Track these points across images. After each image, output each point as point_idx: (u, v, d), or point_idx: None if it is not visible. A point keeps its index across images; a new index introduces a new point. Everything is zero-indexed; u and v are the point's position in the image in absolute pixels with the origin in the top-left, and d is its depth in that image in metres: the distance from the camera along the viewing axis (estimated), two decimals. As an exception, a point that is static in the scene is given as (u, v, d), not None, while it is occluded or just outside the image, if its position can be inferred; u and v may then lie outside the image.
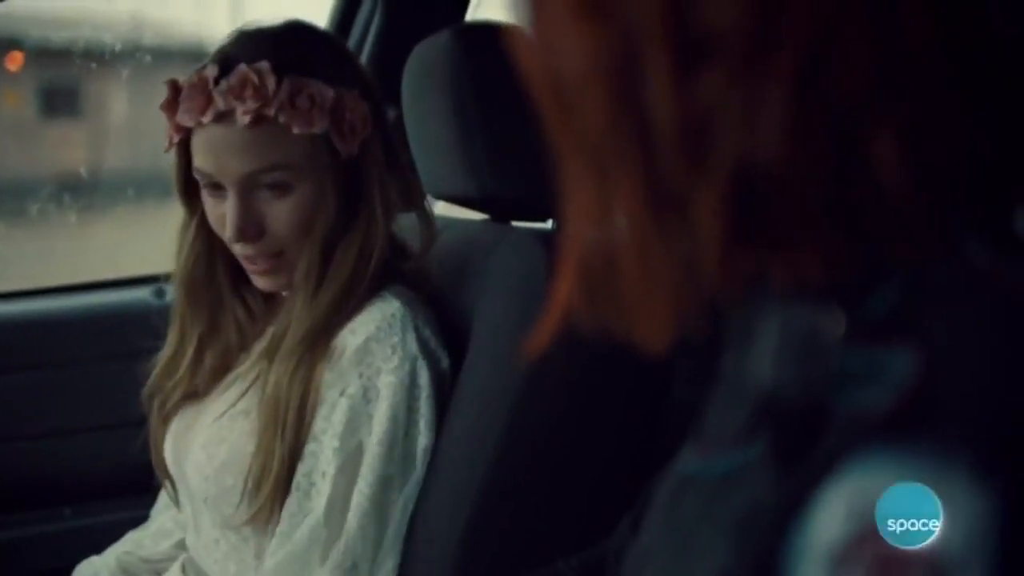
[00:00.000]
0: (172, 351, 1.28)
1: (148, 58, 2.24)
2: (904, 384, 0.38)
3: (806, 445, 0.40)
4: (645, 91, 0.39)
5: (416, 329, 1.14)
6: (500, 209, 1.31)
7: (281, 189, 1.15)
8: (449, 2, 1.89)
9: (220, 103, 1.11)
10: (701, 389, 0.51)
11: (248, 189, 1.15)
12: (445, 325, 1.20)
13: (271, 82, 1.11)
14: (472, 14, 1.90)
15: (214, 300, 1.27)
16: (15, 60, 2.42)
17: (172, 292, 1.31)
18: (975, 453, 0.34)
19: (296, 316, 1.16)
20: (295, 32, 1.20)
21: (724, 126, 0.38)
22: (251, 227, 1.15)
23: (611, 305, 0.43)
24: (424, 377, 1.12)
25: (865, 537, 0.35)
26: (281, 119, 1.12)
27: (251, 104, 1.11)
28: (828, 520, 0.37)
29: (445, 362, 1.16)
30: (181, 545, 1.35)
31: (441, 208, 1.63)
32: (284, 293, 1.27)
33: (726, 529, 0.44)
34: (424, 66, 1.26)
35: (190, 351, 1.27)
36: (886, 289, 0.41)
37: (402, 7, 1.87)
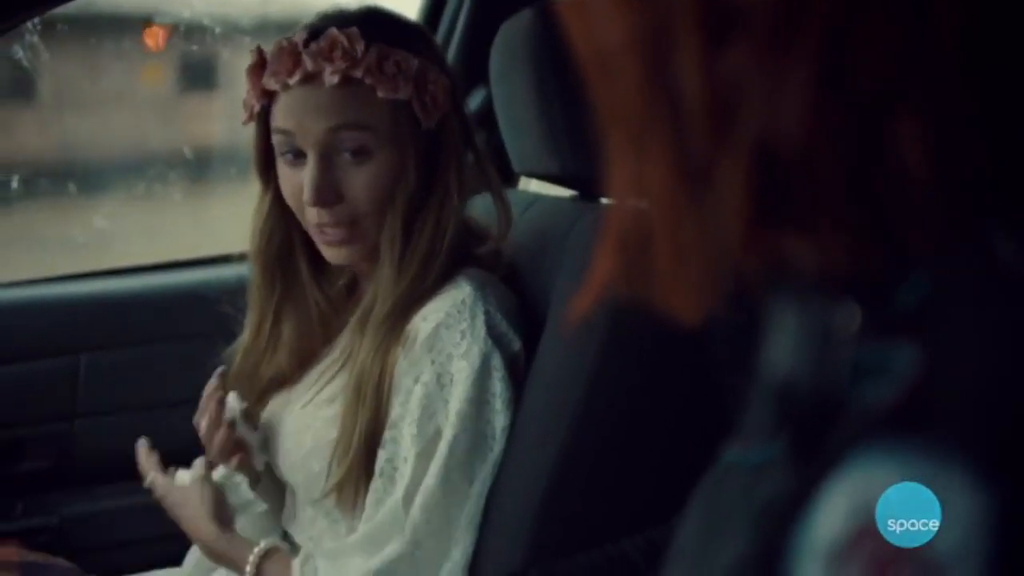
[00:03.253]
0: (252, 329, 1.31)
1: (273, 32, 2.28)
2: (911, 379, 0.37)
3: (819, 439, 0.40)
4: (674, 63, 0.39)
5: (486, 314, 1.14)
6: (586, 186, 1.31)
7: (361, 154, 1.16)
8: (542, -21, 1.88)
9: (309, 64, 1.14)
10: (741, 377, 0.51)
11: (328, 152, 1.16)
12: (523, 303, 1.21)
13: (360, 46, 1.14)
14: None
15: (289, 274, 1.28)
16: (155, 35, 2.43)
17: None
18: (974, 452, 0.34)
19: (383, 288, 1.17)
20: (379, 11, 1.23)
21: (748, 102, 0.38)
22: (329, 191, 1.16)
23: (644, 275, 0.43)
24: (496, 360, 1.13)
25: (863, 535, 0.35)
26: (367, 81, 1.14)
27: (340, 64, 1.13)
28: (829, 516, 0.36)
29: (517, 344, 1.16)
30: None
31: (535, 185, 1.64)
32: (358, 275, 1.29)
33: (750, 519, 0.44)
34: (509, 44, 1.27)
35: (268, 325, 1.29)
36: (912, 282, 0.40)
37: (495, -17, 1.87)
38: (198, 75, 2.69)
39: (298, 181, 1.18)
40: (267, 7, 2.46)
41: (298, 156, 1.18)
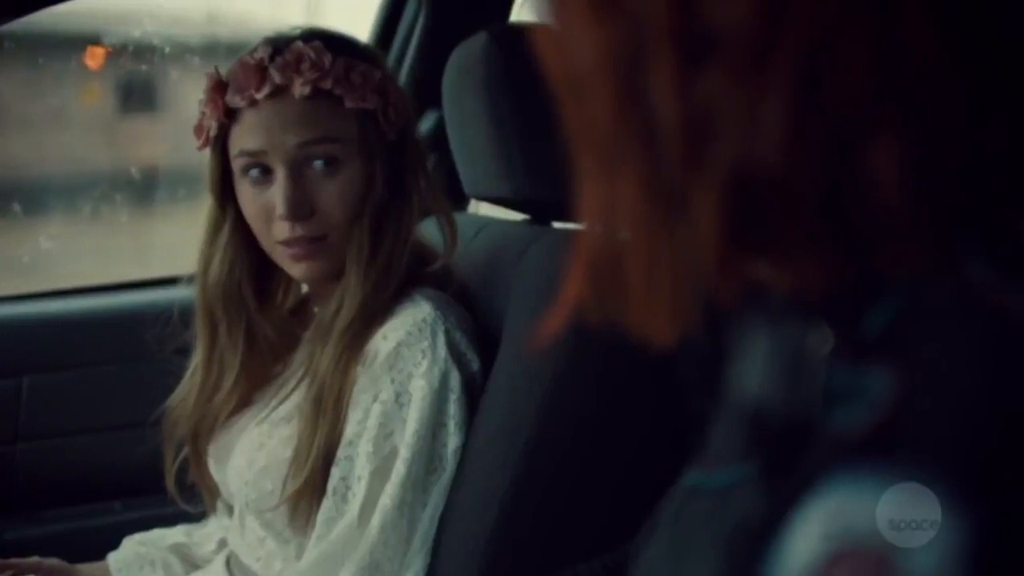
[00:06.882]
0: (203, 365, 1.28)
1: (222, 53, 2.27)
2: (884, 404, 0.37)
3: (791, 463, 0.40)
4: (649, 86, 0.39)
5: (447, 333, 1.14)
6: (538, 210, 1.31)
7: (332, 165, 1.16)
8: (493, 2, 1.89)
9: (277, 77, 1.14)
10: (708, 399, 0.51)
11: (299, 166, 1.16)
12: (477, 326, 1.21)
13: (327, 57, 1.15)
14: (516, 15, 1.91)
15: (243, 305, 1.26)
16: (96, 56, 2.40)
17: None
18: (947, 477, 0.34)
19: (348, 294, 1.17)
20: (330, 30, 1.24)
21: (724, 125, 0.38)
22: (303, 205, 1.16)
23: (616, 300, 0.43)
24: (454, 380, 1.13)
25: (839, 558, 0.35)
26: (337, 91, 1.15)
27: (309, 75, 1.14)
28: (805, 539, 0.36)
29: (476, 364, 1.16)
30: (223, 544, 1.38)
31: (485, 208, 1.64)
32: (311, 296, 1.28)
33: (719, 542, 0.44)
34: (461, 68, 1.27)
35: (223, 358, 1.27)
36: (883, 306, 0.40)
37: (446, 7, 1.88)
38: (146, 95, 2.67)
39: (265, 200, 1.17)
40: (215, 28, 2.44)
41: (265, 173, 1.17)
